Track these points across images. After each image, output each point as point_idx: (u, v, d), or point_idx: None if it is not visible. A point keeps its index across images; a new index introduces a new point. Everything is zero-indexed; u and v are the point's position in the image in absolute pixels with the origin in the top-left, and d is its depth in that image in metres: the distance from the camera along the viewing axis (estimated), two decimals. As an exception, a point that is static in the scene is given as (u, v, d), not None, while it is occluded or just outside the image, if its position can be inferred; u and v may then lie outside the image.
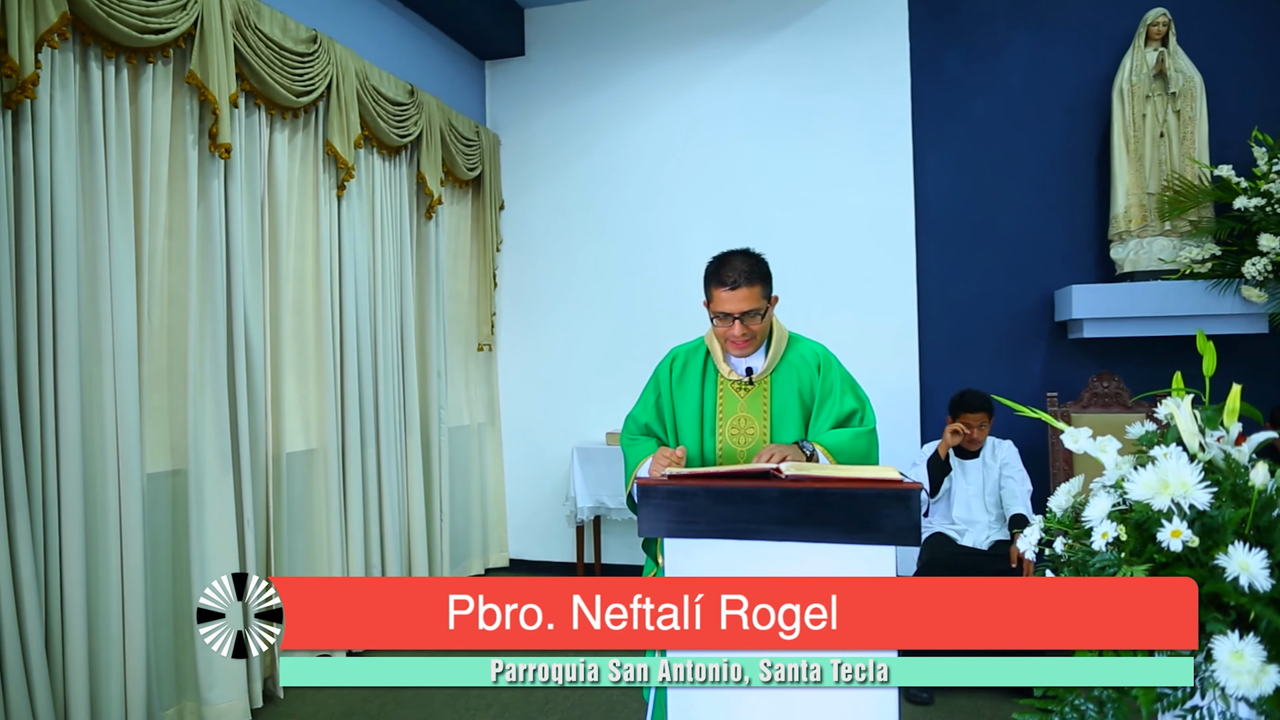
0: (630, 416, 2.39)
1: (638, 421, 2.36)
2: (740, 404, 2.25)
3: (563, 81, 5.80)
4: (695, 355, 2.34)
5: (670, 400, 2.32)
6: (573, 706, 3.55)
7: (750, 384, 2.24)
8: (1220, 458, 1.67)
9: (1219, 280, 4.35)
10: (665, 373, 2.35)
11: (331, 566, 4.10)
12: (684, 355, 2.36)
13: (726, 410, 2.26)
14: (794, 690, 1.83)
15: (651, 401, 2.35)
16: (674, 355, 2.38)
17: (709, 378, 2.29)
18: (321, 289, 4.08)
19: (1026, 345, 5.05)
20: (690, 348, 2.38)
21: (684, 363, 2.34)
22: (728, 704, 1.86)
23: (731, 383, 2.26)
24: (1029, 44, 5.06)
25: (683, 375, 2.32)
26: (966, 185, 5.16)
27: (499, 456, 5.93)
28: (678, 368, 2.34)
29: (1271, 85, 4.66)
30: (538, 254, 5.87)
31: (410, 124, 4.64)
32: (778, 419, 2.22)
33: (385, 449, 4.45)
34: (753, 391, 2.24)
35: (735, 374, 2.25)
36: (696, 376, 2.30)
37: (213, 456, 3.40)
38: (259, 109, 3.70)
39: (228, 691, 3.39)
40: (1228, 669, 1.41)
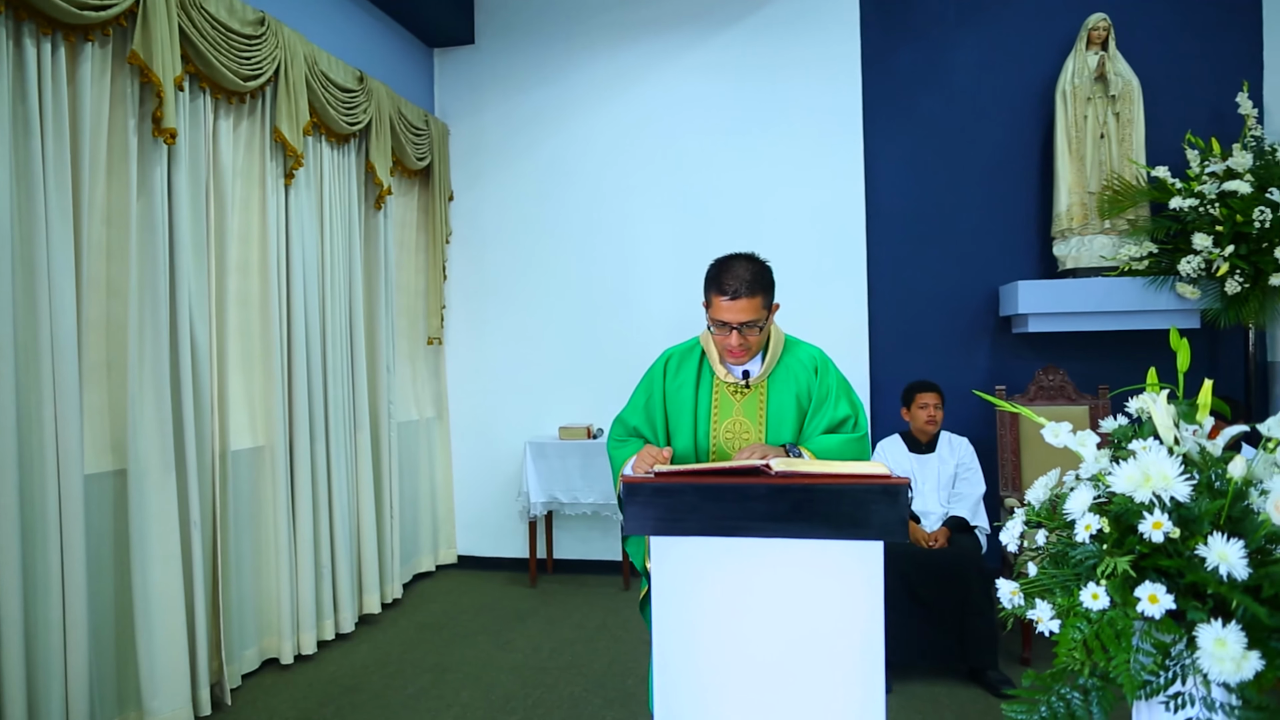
0: (618, 419, 2.34)
1: (626, 424, 2.30)
2: (736, 407, 2.21)
3: (513, 71, 5.71)
4: (690, 356, 2.29)
5: (663, 402, 2.26)
6: (534, 705, 3.51)
7: (747, 387, 2.21)
8: (1195, 451, 1.72)
9: (1155, 277, 4.52)
10: (659, 374, 2.30)
11: (279, 569, 3.97)
12: (678, 356, 2.31)
13: (721, 413, 2.22)
14: (781, 691, 1.83)
15: (641, 404, 2.30)
16: (668, 356, 2.33)
17: (704, 379, 2.24)
18: (269, 281, 3.93)
19: (972, 339, 5.17)
20: (684, 348, 2.32)
21: (678, 364, 2.29)
22: (717, 701, 1.85)
23: (727, 385, 2.23)
24: (976, 45, 5.17)
25: (677, 376, 2.27)
26: (915, 182, 5.26)
27: (447, 452, 5.83)
28: (672, 369, 2.29)
29: (1203, 91, 4.85)
30: (488, 246, 5.78)
31: (359, 111, 4.50)
32: (773, 423, 2.19)
33: (335, 446, 4.32)
34: (749, 395, 2.21)
35: (731, 377, 2.22)
36: (691, 378, 2.25)
37: (155, 456, 3.25)
38: (204, 93, 3.54)
39: (172, 699, 3.25)
40: (1211, 656, 1.45)
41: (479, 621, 4.62)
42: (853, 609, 1.80)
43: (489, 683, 3.76)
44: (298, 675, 3.87)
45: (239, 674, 3.72)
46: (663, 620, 1.88)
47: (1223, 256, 4.29)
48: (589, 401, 5.59)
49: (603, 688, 3.68)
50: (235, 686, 3.66)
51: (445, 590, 5.25)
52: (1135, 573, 1.59)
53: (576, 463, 5.27)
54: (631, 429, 2.29)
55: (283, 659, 3.95)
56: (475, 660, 4.03)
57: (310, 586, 4.09)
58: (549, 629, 4.47)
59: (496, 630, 4.47)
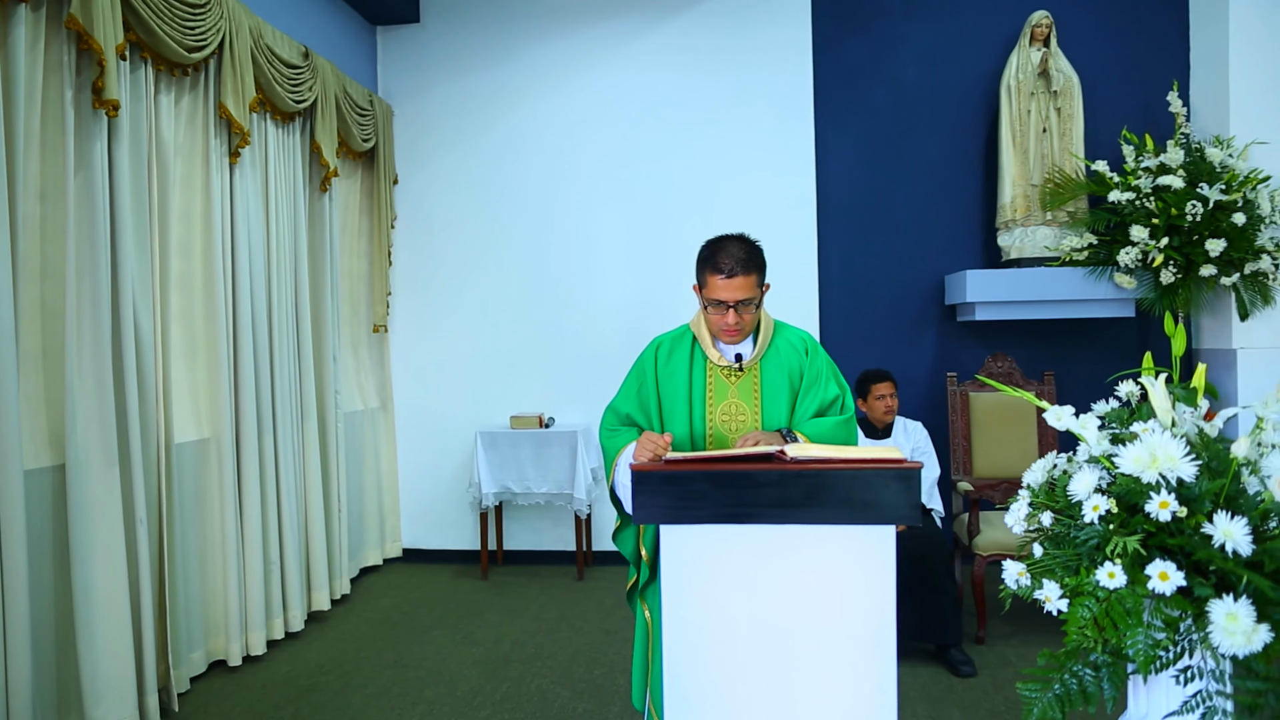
0: (610, 408, 2.30)
1: (618, 412, 2.27)
2: (731, 390, 2.21)
3: (460, 52, 5.56)
4: (681, 342, 2.28)
5: (656, 388, 2.25)
6: (502, 700, 3.44)
7: (740, 370, 2.21)
8: (1194, 433, 1.77)
9: (1095, 267, 4.69)
10: (650, 361, 2.28)
11: (227, 566, 3.79)
12: (669, 342, 2.30)
13: (716, 396, 2.21)
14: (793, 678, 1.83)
15: (634, 391, 2.28)
16: (658, 343, 2.31)
17: (697, 364, 2.24)
18: (213, 264, 3.74)
19: (919, 327, 5.29)
20: (675, 335, 2.32)
21: (670, 350, 2.28)
22: (729, 692, 1.83)
23: (721, 369, 2.22)
24: (924, 38, 5.27)
25: (669, 362, 2.26)
26: (865, 172, 5.33)
27: (392, 443, 5.67)
28: (663, 355, 2.27)
29: (1138, 89, 5.05)
30: (435, 232, 5.63)
31: (305, 89, 4.31)
32: (768, 405, 2.20)
33: (282, 437, 4.15)
34: (743, 378, 2.21)
35: (725, 360, 2.21)
36: (684, 363, 2.24)
37: (97, 449, 3.06)
38: (145, 64, 3.33)
39: (118, 707, 3.07)
40: (1223, 629, 1.50)
41: (433, 616, 4.51)
42: (865, 594, 1.80)
43: (453, 678, 3.67)
44: (248, 677, 3.71)
45: (186, 678, 3.55)
46: (673, 609, 1.85)
47: (1158, 248, 4.48)
48: (541, 390, 5.52)
49: (570, 679, 3.63)
50: (183, 691, 3.49)
51: (394, 585, 5.11)
52: (1145, 551, 1.63)
53: (529, 452, 5.19)
54: (624, 417, 2.26)
55: (230, 661, 3.78)
56: (435, 655, 3.93)
57: (259, 584, 3.92)
58: (508, 621, 4.39)
59: (453, 624, 4.37)
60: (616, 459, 2.15)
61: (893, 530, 1.81)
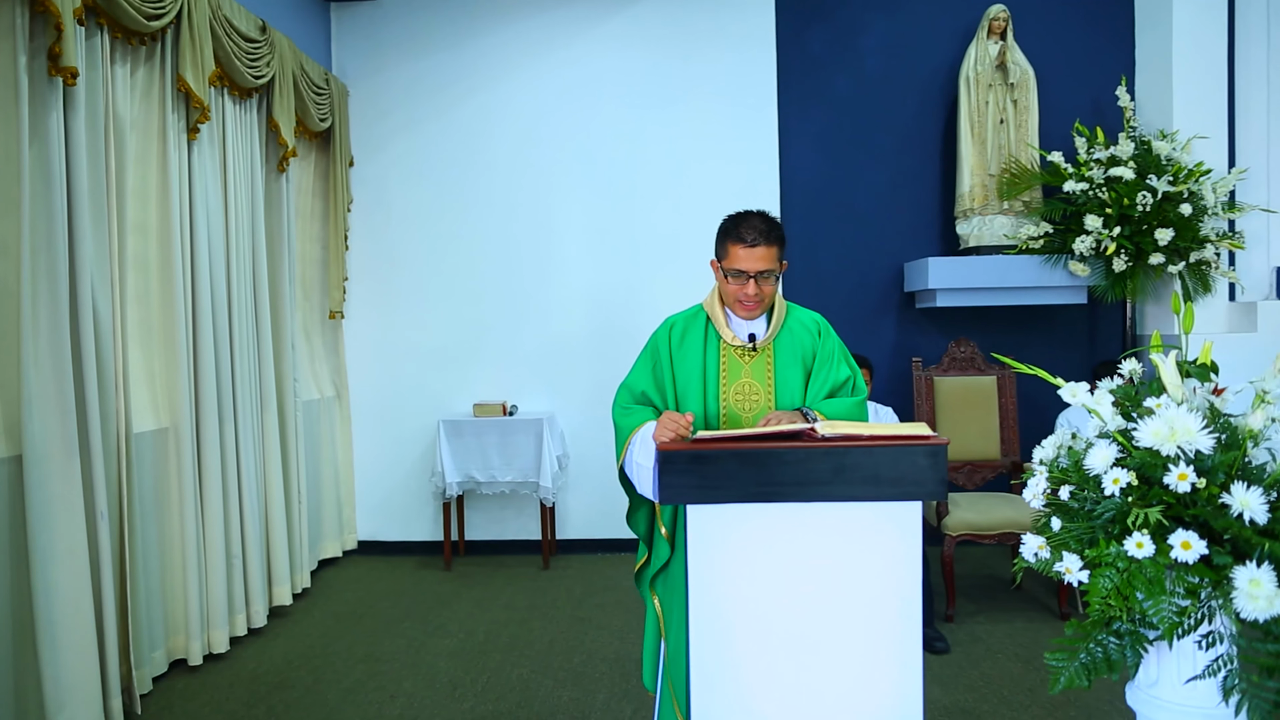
0: (624, 386, 2.28)
1: (633, 391, 2.25)
2: (745, 369, 2.21)
3: (419, 32, 5.42)
4: (695, 321, 2.27)
5: (670, 366, 2.23)
6: (483, 690, 3.38)
7: (754, 350, 2.20)
8: (1205, 407, 1.83)
9: (1051, 255, 4.84)
10: (664, 339, 2.26)
11: (187, 562, 3.63)
12: (683, 322, 2.29)
13: (730, 375, 2.21)
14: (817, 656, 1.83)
15: (649, 369, 2.26)
16: (671, 323, 2.30)
17: (710, 343, 2.23)
18: (170, 245, 3.56)
19: (880, 314, 5.37)
20: (689, 314, 2.31)
21: (683, 329, 2.27)
22: (755, 669, 1.83)
23: (735, 348, 2.22)
24: (885, 29, 5.34)
25: (683, 341, 2.25)
26: (826, 160, 5.39)
27: (348, 433, 5.51)
28: (677, 334, 2.26)
29: (1089, 82, 5.21)
30: (392, 216, 5.48)
31: (263, 64, 4.14)
32: (781, 384, 2.20)
33: (243, 426, 3.99)
34: (757, 358, 2.21)
35: (739, 339, 2.20)
36: (698, 342, 2.23)
37: (56, 439, 2.89)
38: (101, 31, 3.15)
39: (82, 710, 2.92)
40: (1246, 595, 1.55)
41: (400, 608, 4.41)
42: (892, 569, 1.81)
43: (429, 670, 3.59)
44: (213, 675, 3.57)
45: (149, 679, 3.39)
46: (700, 588, 1.84)
47: (1111, 237, 4.64)
48: (503, 378, 5.43)
49: (550, 668, 3.59)
50: (145, 693, 3.33)
51: (354, 578, 4.98)
52: (1168, 522, 1.68)
53: (494, 440, 5.11)
54: (640, 395, 2.24)
55: (191, 660, 3.63)
56: (408, 648, 3.84)
57: (221, 579, 3.77)
58: (478, 612, 4.32)
59: (422, 616, 4.28)
60: (631, 437, 2.12)
61: (919, 506, 1.83)
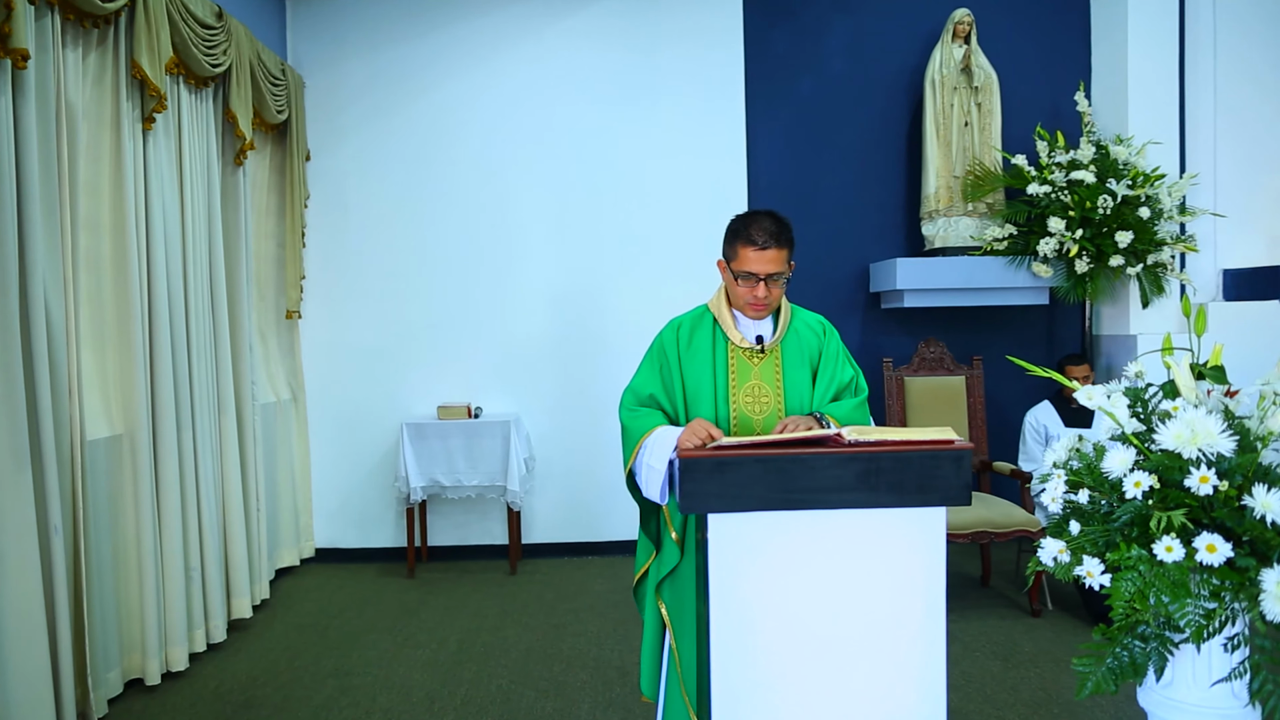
0: (630, 389, 2.21)
1: (639, 394, 2.18)
2: (753, 371, 2.17)
3: (379, 24, 5.25)
4: (701, 323, 2.23)
5: (679, 369, 2.18)
6: (463, 703, 3.28)
7: (761, 352, 2.16)
8: (1220, 410, 1.84)
9: (1015, 257, 4.91)
10: (671, 341, 2.21)
11: (144, 576, 3.44)
12: (689, 323, 2.24)
13: (739, 378, 2.16)
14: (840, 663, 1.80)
15: (655, 371, 2.20)
16: (678, 324, 2.24)
17: (719, 345, 2.19)
18: (125, 242, 3.37)
19: (846, 314, 5.39)
20: (694, 316, 2.26)
21: (690, 330, 2.22)
22: (778, 674, 1.78)
23: (742, 350, 2.17)
24: (850, 30, 5.37)
25: (690, 343, 2.20)
26: (793, 159, 5.39)
27: (305, 437, 5.32)
28: (684, 336, 2.21)
29: (1049, 86, 5.32)
30: (350, 212, 5.31)
31: (220, 52, 3.95)
32: (790, 386, 2.17)
33: (200, 432, 3.81)
34: (764, 359, 2.17)
35: (746, 341, 2.16)
36: (706, 344, 2.19)
37: (7, 449, 2.70)
38: (51, 11, 2.95)
39: (33, 735, 2.73)
40: (1274, 597, 1.56)
41: (365, 618, 4.27)
42: (916, 576, 1.79)
43: (403, 683, 3.47)
44: (173, 695, 3.39)
45: (104, 700, 3.20)
46: (721, 596, 1.78)
47: (1073, 239, 4.73)
48: (467, 379, 5.31)
49: (530, 677, 3.50)
50: (102, 715, 3.14)
51: (314, 587, 4.80)
52: (1192, 525, 1.68)
53: (459, 443, 4.99)
54: (646, 398, 2.18)
55: (148, 679, 3.43)
56: (379, 660, 3.71)
57: (180, 593, 3.58)
58: (447, 620, 4.20)
59: (389, 626, 4.14)
60: (643, 440, 2.06)
61: (944, 512, 1.80)
